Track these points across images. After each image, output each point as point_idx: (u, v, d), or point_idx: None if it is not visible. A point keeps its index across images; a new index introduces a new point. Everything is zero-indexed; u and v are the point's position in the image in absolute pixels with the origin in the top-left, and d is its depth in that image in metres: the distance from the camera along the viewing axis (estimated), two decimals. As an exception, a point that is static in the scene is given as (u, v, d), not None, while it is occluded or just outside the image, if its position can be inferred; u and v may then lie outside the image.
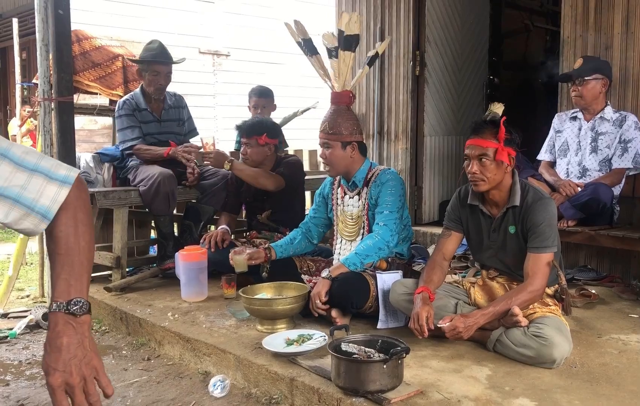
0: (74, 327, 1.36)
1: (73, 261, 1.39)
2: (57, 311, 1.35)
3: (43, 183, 1.37)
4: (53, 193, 1.37)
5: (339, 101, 3.49)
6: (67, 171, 1.41)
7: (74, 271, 1.39)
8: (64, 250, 1.39)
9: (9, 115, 10.99)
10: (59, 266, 1.39)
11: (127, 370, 3.24)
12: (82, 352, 1.35)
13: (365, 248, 3.30)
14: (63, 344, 1.34)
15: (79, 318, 1.36)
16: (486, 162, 2.83)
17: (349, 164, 3.47)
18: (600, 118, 4.10)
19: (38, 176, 1.36)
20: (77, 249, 1.40)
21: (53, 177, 1.38)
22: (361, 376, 2.37)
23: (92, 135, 6.53)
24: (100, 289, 4.20)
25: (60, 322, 1.35)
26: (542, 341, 2.63)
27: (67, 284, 1.37)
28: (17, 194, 1.34)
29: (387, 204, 3.36)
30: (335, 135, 3.41)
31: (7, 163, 1.34)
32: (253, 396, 2.79)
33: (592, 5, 4.34)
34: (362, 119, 5.97)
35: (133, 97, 4.64)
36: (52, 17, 4.18)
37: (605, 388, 2.46)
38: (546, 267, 2.80)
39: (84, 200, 1.44)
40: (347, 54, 3.41)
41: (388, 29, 5.70)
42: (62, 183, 1.39)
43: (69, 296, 1.36)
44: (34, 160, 1.38)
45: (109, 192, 4.32)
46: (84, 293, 1.39)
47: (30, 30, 9.22)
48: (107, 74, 5.55)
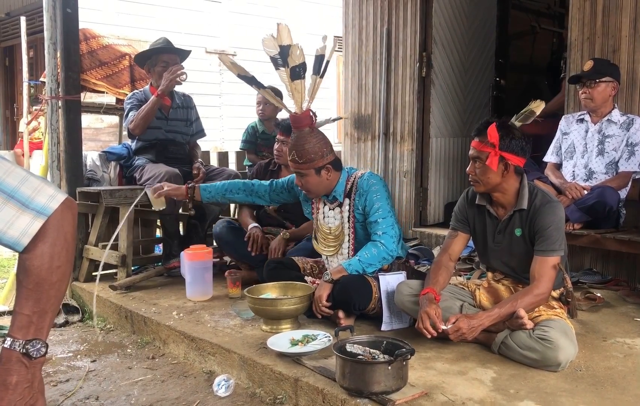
0: (27, 367, 1.31)
1: (40, 298, 1.31)
2: (12, 348, 1.31)
3: (15, 213, 1.27)
4: (24, 225, 1.28)
5: (300, 124, 3.23)
6: (48, 199, 1.31)
7: (38, 308, 1.32)
8: (33, 284, 1.31)
9: (16, 113, 11.02)
10: (24, 299, 1.31)
11: (131, 368, 3.25)
12: (29, 393, 1.32)
13: (369, 256, 3.23)
14: (12, 383, 1.30)
15: (34, 360, 1.32)
16: (479, 165, 2.85)
17: (327, 186, 3.35)
18: (607, 121, 4.09)
19: (12, 204, 1.27)
20: (48, 284, 1.32)
21: (29, 207, 1.29)
22: (366, 378, 2.37)
23: (99, 133, 6.55)
24: (105, 287, 4.21)
25: (13, 360, 1.31)
26: (547, 344, 2.62)
27: (28, 322, 1.31)
28: None
29: (378, 211, 3.26)
30: (306, 163, 3.23)
31: None
32: (257, 396, 2.80)
33: (600, 8, 4.33)
34: (367, 119, 5.97)
35: (143, 92, 4.66)
36: (60, 15, 4.20)
37: (611, 392, 2.45)
38: (552, 270, 2.79)
39: (65, 231, 1.33)
40: (297, 83, 3.12)
41: (395, 30, 5.69)
42: (38, 214, 1.29)
43: (27, 335, 1.31)
44: (14, 183, 1.29)
45: (115, 191, 4.33)
46: (43, 333, 1.33)
47: (37, 28, 9.25)
48: (114, 72, 5.56)
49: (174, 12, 10.19)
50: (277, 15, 11.02)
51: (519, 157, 2.86)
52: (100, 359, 3.40)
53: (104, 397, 2.90)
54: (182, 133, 4.76)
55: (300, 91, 3.16)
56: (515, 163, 2.85)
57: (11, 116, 11.44)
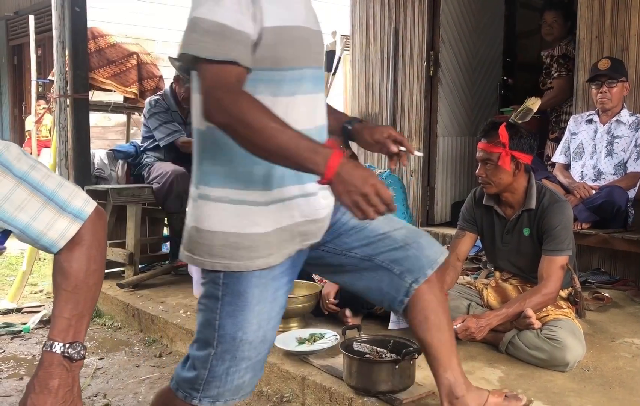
0: (68, 370, 1.33)
1: (78, 300, 1.35)
2: (53, 352, 1.32)
3: (54, 216, 1.32)
4: (62, 228, 1.32)
5: None
6: (83, 203, 1.36)
7: (77, 311, 1.35)
8: (72, 287, 1.34)
9: (25, 111, 11.07)
10: (63, 302, 1.34)
11: (139, 366, 3.26)
12: (70, 397, 1.33)
13: None
14: (54, 386, 1.31)
15: (74, 363, 1.33)
16: (490, 167, 2.83)
17: None
18: (616, 121, 4.06)
19: (52, 207, 1.32)
20: (85, 287, 1.35)
21: (67, 210, 1.33)
22: (373, 376, 2.37)
23: (106, 132, 6.59)
24: (113, 285, 4.22)
25: (54, 363, 1.32)
26: (555, 344, 2.61)
27: (68, 325, 1.34)
28: (25, 226, 1.30)
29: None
30: None
31: (24, 187, 1.30)
32: (264, 395, 2.80)
33: (609, 7, 4.31)
34: (374, 118, 5.96)
35: (164, 97, 4.65)
36: (68, 14, 4.22)
37: (619, 392, 2.45)
38: (560, 270, 2.78)
39: (99, 236, 1.39)
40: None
41: (402, 29, 5.68)
42: (75, 218, 1.34)
43: (67, 338, 1.33)
44: (53, 186, 1.33)
45: (122, 189, 4.34)
46: (82, 336, 1.36)
47: (45, 27, 9.29)
48: (122, 71, 5.58)
49: (182, 11, 10.17)
50: (284, 14, 11.03)
51: (528, 155, 2.86)
52: (108, 357, 3.41)
53: (111, 395, 2.91)
54: None
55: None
56: (525, 161, 2.84)
57: (19, 114, 11.50)
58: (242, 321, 1.58)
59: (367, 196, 1.39)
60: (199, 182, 1.58)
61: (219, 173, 1.55)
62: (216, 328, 1.59)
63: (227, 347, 1.59)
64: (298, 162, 1.41)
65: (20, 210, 1.29)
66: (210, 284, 1.61)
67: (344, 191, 1.40)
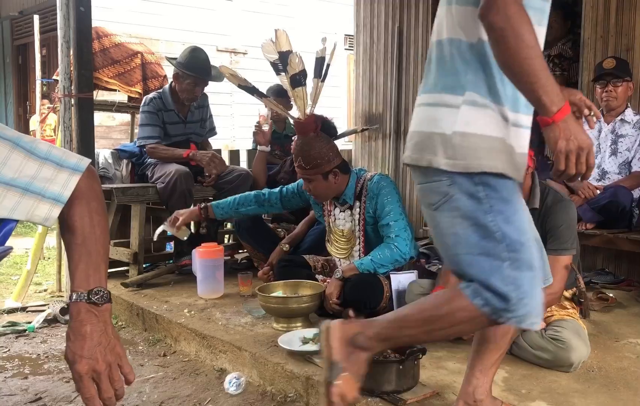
0: (97, 315, 1.37)
1: (90, 251, 1.39)
2: (79, 301, 1.36)
3: (54, 172, 1.36)
4: (64, 180, 1.37)
5: (305, 130, 3.25)
6: (78, 159, 1.41)
7: (91, 261, 1.39)
8: (81, 240, 1.39)
9: (29, 111, 11.10)
10: (77, 255, 1.39)
11: (143, 365, 3.26)
12: (105, 339, 1.37)
13: (382, 257, 3.23)
14: (87, 332, 1.35)
15: (101, 307, 1.37)
16: None
17: (335, 189, 3.37)
18: (620, 121, 4.06)
19: (49, 164, 1.36)
20: (94, 238, 1.40)
21: (64, 166, 1.38)
22: (377, 377, 2.36)
23: (110, 131, 6.60)
24: (117, 284, 4.23)
25: (82, 311, 1.36)
26: (559, 344, 2.61)
27: (86, 274, 1.38)
28: (27, 184, 1.33)
29: (390, 214, 3.27)
30: (313, 169, 3.26)
31: (18, 152, 1.34)
32: (268, 394, 2.80)
33: (614, 7, 4.30)
34: (378, 118, 5.96)
35: (161, 96, 4.59)
36: (73, 14, 4.22)
37: (623, 393, 2.44)
38: (564, 270, 2.77)
39: (96, 190, 1.44)
40: (298, 90, 3.16)
41: (406, 29, 5.68)
42: (73, 171, 1.38)
43: (88, 285, 1.37)
44: (45, 149, 1.37)
45: (127, 189, 4.35)
46: (102, 282, 1.40)
47: (50, 27, 9.31)
48: (126, 71, 5.58)
49: (186, 11, 10.22)
50: (288, 14, 11.04)
51: (532, 151, 2.85)
52: (112, 356, 3.41)
53: (115, 394, 2.91)
54: (197, 134, 4.77)
55: (302, 97, 3.19)
56: (534, 160, 2.85)
57: (24, 113, 11.54)
58: (519, 224, 1.67)
59: (581, 152, 1.51)
60: (465, 89, 1.66)
61: (482, 84, 1.65)
62: (499, 239, 1.64)
63: (518, 255, 1.65)
64: (537, 92, 1.52)
65: (20, 172, 1.33)
66: (467, 199, 1.66)
67: (564, 137, 1.51)
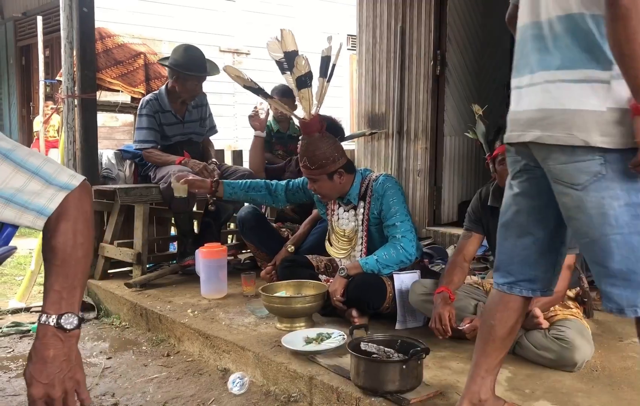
0: (62, 341, 1.34)
1: (68, 273, 1.36)
2: (46, 323, 1.33)
3: (41, 187, 1.33)
4: (50, 194, 1.33)
5: (310, 130, 3.27)
6: (69, 177, 1.37)
7: (67, 283, 1.36)
8: (60, 261, 1.35)
9: (33, 112, 11.12)
10: (53, 276, 1.36)
11: (146, 365, 3.27)
12: (67, 366, 1.34)
13: (387, 258, 3.23)
14: (49, 356, 1.33)
15: (68, 333, 1.34)
16: None
17: (340, 189, 3.38)
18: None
19: (37, 180, 1.33)
20: (74, 260, 1.36)
21: (53, 183, 1.34)
22: (380, 376, 2.37)
23: (113, 132, 6.60)
24: (120, 284, 4.24)
25: (48, 334, 1.33)
26: (563, 344, 2.61)
27: (59, 297, 1.35)
28: (11, 195, 1.30)
29: (395, 215, 3.27)
30: (319, 169, 3.27)
31: (7, 164, 1.31)
32: (272, 394, 2.81)
33: (617, 6, 4.29)
34: (381, 118, 5.96)
35: (157, 97, 4.57)
36: (76, 15, 4.23)
37: (627, 393, 2.44)
38: (567, 269, 2.76)
39: (85, 210, 1.39)
40: (304, 91, 3.17)
41: (409, 28, 5.68)
42: (61, 188, 1.35)
43: (59, 309, 1.34)
44: (37, 163, 1.34)
45: (130, 189, 4.35)
46: (75, 306, 1.37)
47: (53, 27, 9.34)
48: (129, 71, 5.60)
49: (189, 11, 10.24)
50: (291, 14, 11.05)
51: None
52: (116, 356, 3.43)
53: (119, 394, 2.92)
54: (197, 133, 4.77)
55: (307, 98, 3.19)
56: None
57: (27, 114, 11.56)
58: None
59: None
60: (612, 63, 1.64)
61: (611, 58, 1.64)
62: None
63: None
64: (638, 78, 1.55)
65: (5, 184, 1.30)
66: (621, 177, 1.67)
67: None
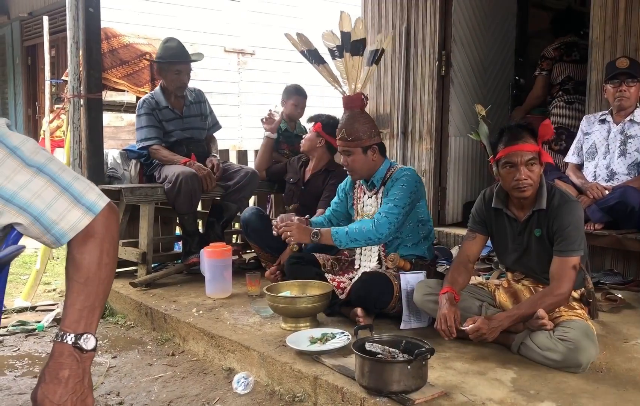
0: (78, 361, 1.33)
1: (90, 292, 1.35)
2: (64, 342, 1.32)
3: (69, 206, 1.32)
4: (75, 219, 1.32)
5: (352, 105, 3.43)
6: (97, 197, 1.36)
7: (88, 303, 1.35)
8: (84, 279, 1.34)
9: (38, 111, 11.15)
10: (75, 294, 1.34)
11: (152, 365, 3.28)
12: (80, 388, 1.33)
13: (357, 231, 3.30)
14: (64, 377, 1.31)
15: (85, 354, 1.34)
16: (535, 166, 2.78)
17: (372, 168, 3.47)
18: (630, 121, 4.04)
19: (66, 197, 1.32)
20: (97, 280, 1.35)
21: (80, 202, 1.33)
22: (385, 377, 2.37)
23: (118, 132, 6.63)
24: (125, 284, 4.25)
25: (65, 353, 1.32)
26: (568, 345, 2.60)
27: (79, 316, 1.34)
28: (40, 213, 1.30)
29: (395, 198, 3.32)
30: (355, 141, 3.39)
31: (41, 177, 1.30)
32: (276, 394, 2.81)
33: (622, 6, 4.28)
34: (386, 118, 5.96)
35: (153, 96, 4.62)
36: (82, 15, 4.24)
37: (632, 394, 2.43)
38: (572, 271, 2.76)
39: (112, 230, 1.39)
40: (355, 59, 3.31)
41: (414, 29, 5.68)
42: (88, 210, 1.33)
43: (78, 329, 1.33)
44: (68, 179, 1.33)
45: (135, 189, 4.36)
46: (93, 328, 1.36)
47: (59, 27, 9.37)
48: (135, 71, 5.60)
49: (194, 12, 10.24)
50: (296, 14, 11.04)
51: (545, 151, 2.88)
52: (121, 355, 3.44)
53: (124, 393, 2.93)
54: (199, 129, 4.77)
55: (357, 68, 3.34)
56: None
57: (33, 114, 11.59)
58: None
59: None
60: None
61: None
62: None
63: None
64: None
65: (37, 197, 1.29)
66: None
67: None
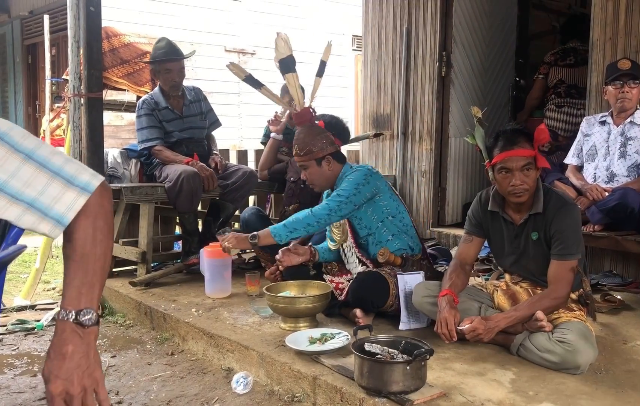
0: (81, 337, 1.33)
1: (87, 269, 1.35)
2: (65, 319, 1.33)
3: (62, 189, 1.32)
4: (70, 200, 1.32)
5: (301, 120, 3.57)
6: (90, 177, 1.36)
7: (86, 279, 1.35)
8: (79, 256, 1.35)
9: (39, 110, 11.15)
10: (72, 272, 1.35)
11: (151, 364, 3.28)
12: (85, 362, 1.33)
13: (294, 221, 3.34)
14: (68, 352, 1.32)
15: (87, 329, 1.34)
16: (530, 171, 2.78)
17: (330, 177, 3.52)
18: (630, 123, 4.04)
19: (59, 180, 1.32)
20: (93, 257, 1.36)
21: (74, 184, 1.33)
22: (384, 377, 2.37)
23: (119, 131, 6.62)
24: (125, 283, 4.25)
25: (67, 330, 1.33)
26: (566, 346, 2.60)
27: (78, 293, 1.34)
28: (33, 199, 1.29)
29: (339, 188, 3.40)
30: (307, 155, 3.47)
31: (31, 164, 1.30)
32: (275, 394, 2.81)
33: (623, 8, 4.28)
34: (386, 119, 5.96)
35: (152, 96, 4.64)
36: (83, 14, 4.24)
37: (631, 396, 2.44)
38: (570, 273, 2.76)
39: (106, 208, 1.39)
40: (288, 76, 3.52)
41: (414, 30, 5.68)
42: (82, 190, 1.34)
43: (79, 305, 1.34)
44: (59, 163, 1.33)
45: (135, 188, 4.36)
46: (94, 303, 1.36)
47: (60, 26, 9.37)
48: (135, 70, 5.62)
49: (195, 11, 10.24)
50: (297, 14, 11.05)
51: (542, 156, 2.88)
52: (120, 354, 3.44)
53: (123, 392, 2.93)
54: (199, 128, 4.77)
55: (294, 85, 3.51)
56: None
57: (33, 113, 11.59)
58: None
59: None
60: None
61: None
62: None
63: None
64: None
65: (28, 185, 1.29)
66: None
67: None
